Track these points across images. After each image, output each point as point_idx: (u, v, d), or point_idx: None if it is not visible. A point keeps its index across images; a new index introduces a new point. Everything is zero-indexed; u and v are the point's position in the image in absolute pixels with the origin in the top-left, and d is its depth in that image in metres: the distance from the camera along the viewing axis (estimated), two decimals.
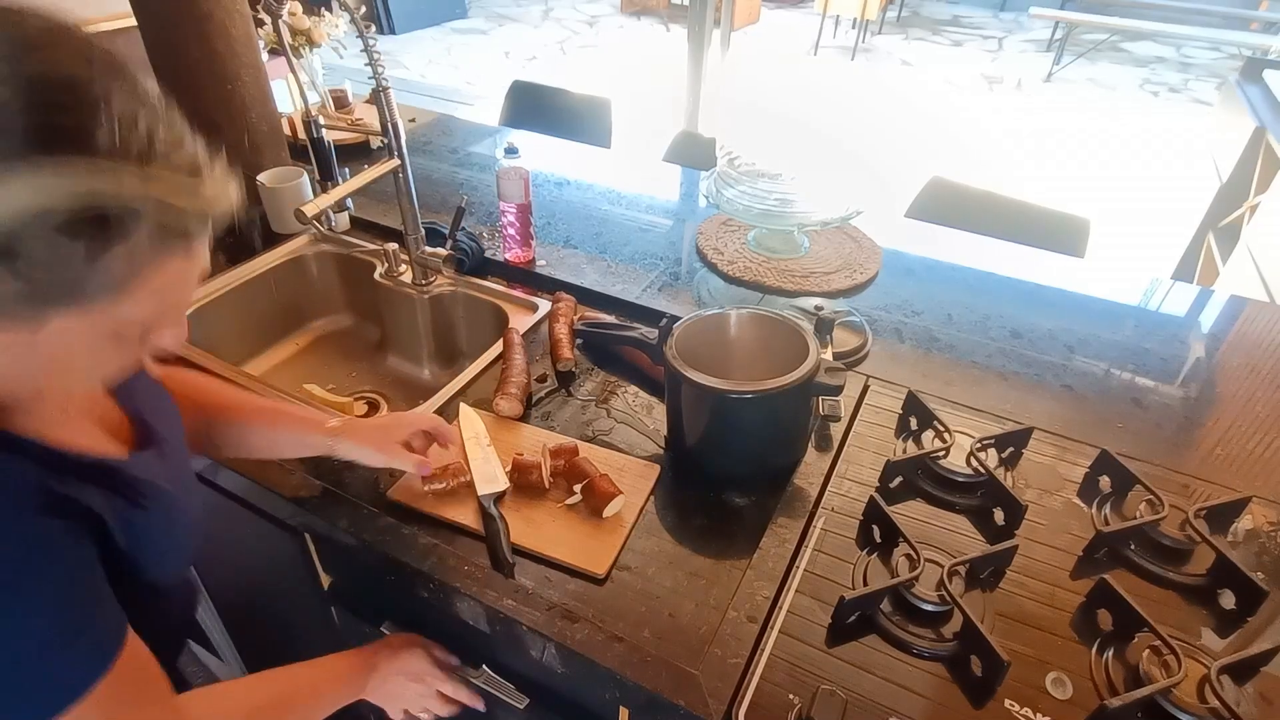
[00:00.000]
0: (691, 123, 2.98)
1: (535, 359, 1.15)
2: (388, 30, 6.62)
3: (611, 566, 0.82)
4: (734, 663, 0.72)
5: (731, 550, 0.85)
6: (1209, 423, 1.07)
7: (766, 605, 0.78)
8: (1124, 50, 6.64)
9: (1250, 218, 2.33)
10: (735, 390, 0.85)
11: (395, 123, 1.10)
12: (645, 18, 7.31)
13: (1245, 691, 0.69)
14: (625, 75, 5.71)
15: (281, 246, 1.41)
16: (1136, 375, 1.16)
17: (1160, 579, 0.81)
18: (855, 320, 1.21)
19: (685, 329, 0.94)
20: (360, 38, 1.04)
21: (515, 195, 1.28)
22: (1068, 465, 0.96)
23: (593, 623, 0.76)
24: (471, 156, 1.83)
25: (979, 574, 0.80)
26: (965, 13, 7.77)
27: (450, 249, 1.29)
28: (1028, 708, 0.68)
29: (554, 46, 6.42)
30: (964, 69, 6.11)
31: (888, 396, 1.07)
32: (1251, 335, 1.28)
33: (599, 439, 1.00)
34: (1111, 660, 0.72)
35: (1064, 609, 0.78)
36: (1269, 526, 0.87)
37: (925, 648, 0.73)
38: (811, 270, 1.38)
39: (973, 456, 0.91)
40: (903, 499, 0.91)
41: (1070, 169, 4.39)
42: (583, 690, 0.83)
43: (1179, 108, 5.44)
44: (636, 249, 1.44)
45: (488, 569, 0.82)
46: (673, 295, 1.31)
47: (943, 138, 4.82)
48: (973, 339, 1.23)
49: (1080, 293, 1.38)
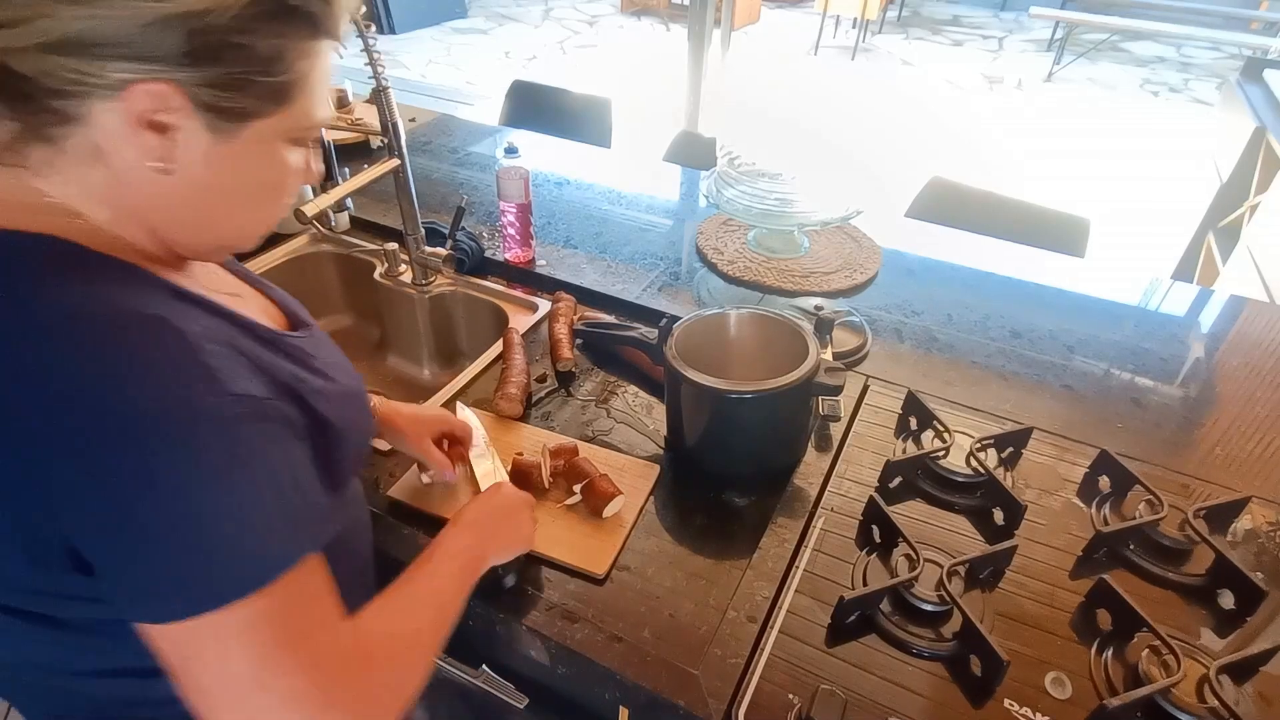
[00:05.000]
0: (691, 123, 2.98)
1: (535, 359, 1.15)
2: (388, 30, 6.62)
3: (611, 566, 0.82)
4: (734, 663, 0.72)
5: (731, 550, 0.85)
6: (1208, 423, 1.07)
7: (766, 605, 0.78)
8: (1124, 50, 6.64)
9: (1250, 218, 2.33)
10: (735, 390, 0.85)
11: (395, 122, 1.10)
12: (645, 17, 7.30)
13: (1244, 691, 0.69)
14: (625, 75, 5.71)
15: (281, 246, 1.41)
16: (1136, 375, 1.16)
17: (1160, 579, 0.81)
18: (855, 320, 1.21)
19: (685, 329, 0.94)
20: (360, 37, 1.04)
21: (515, 195, 1.28)
22: (1067, 465, 0.96)
23: (593, 623, 0.76)
24: (471, 156, 1.83)
25: (978, 574, 0.80)
26: (965, 13, 7.77)
27: (450, 249, 1.29)
28: (1027, 707, 0.68)
29: (554, 46, 6.42)
30: (964, 69, 6.11)
31: (887, 396, 1.07)
32: (1251, 335, 1.28)
33: (599, 439, 1.00)
34: (1111, 660, 0.72)
35: (1063, 609, 0.78)
36: (1268, 526, 0.87)
37: (925, 648, 0.73)
38: (811, 270, 1.38)
39: (972, 456, 0.91)
40: (902, 499, 0.91)
41: (1070, 169, 4.39)
42: (583, 690, 0.83)
43: (1179, 108, 5.44)
44: (636, 249, 1.44)
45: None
46: (673, 295, 1.31)
47: (943, 138, 4.82)
48: (972, 339, 1.23)
49: (1080, 293, 1.38)
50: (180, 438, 0.44)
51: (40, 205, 0.47)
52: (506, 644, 0.82)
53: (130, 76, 0.43)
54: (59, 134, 0.45)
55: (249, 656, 0.45)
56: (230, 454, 0.45)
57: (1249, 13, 6.54)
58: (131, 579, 0.45)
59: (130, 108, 0.44)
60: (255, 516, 0.47)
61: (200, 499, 0.44)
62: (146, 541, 0.44)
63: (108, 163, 0.47)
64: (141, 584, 0.45)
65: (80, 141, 0.46)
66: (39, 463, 0.43)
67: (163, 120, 0.45)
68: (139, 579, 0.45)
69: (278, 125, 0.50)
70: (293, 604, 0.48)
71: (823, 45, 6.52)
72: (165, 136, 0.46)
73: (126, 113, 0.44)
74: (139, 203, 0.49)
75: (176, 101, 0.45)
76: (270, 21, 0.46)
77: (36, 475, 0.43)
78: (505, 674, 0.87)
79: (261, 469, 0.47)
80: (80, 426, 0.42)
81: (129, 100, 0.44)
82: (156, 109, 0.45)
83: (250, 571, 0.46)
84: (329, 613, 0.51)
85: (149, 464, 0.43)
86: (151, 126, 0.45)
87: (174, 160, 0.47)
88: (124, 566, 0.45)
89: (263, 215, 0.56)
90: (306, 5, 0.47)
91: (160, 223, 0.51)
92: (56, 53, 0.42)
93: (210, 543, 0.45)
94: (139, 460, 0.43)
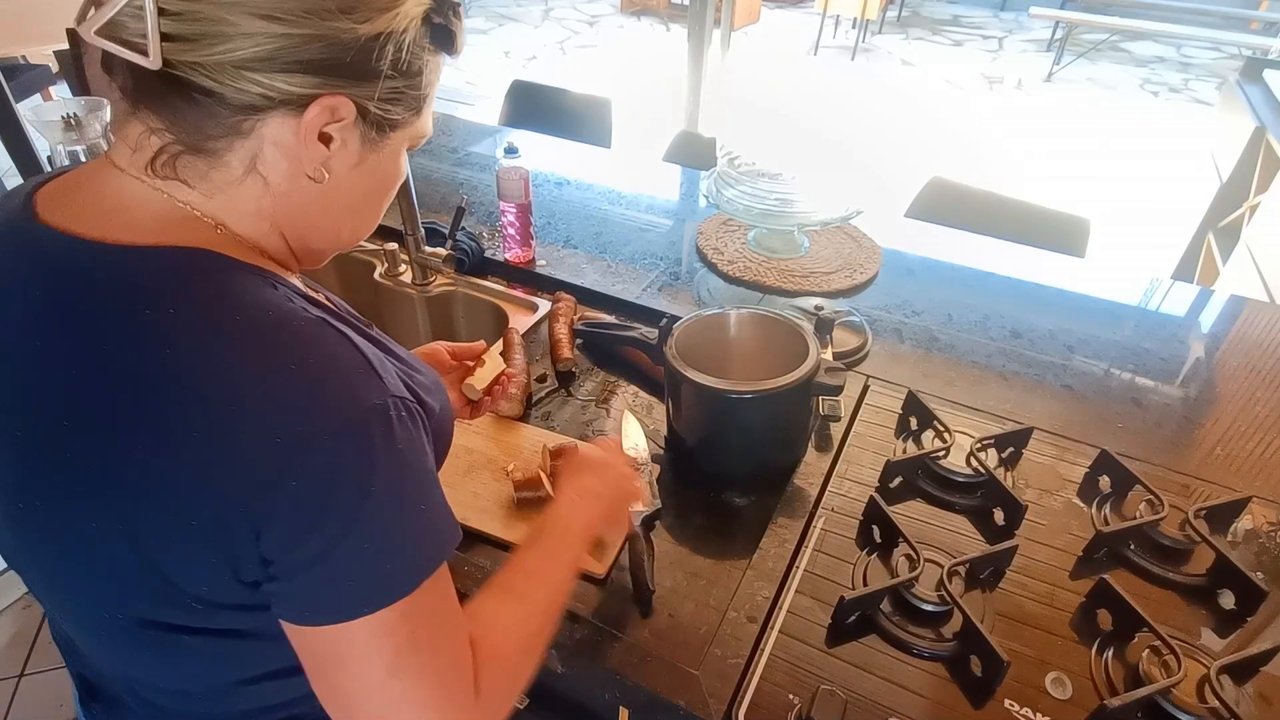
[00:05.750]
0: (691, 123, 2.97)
1: (535, 359, 1.15)
2: None
3: (611, 566, 0.82)
4: (734, 663, 0.72)
5: (731, 550, 0.85)
6: (1209, 423, 1.07)
7: (766, 605, 0.78)
8: (1124, 50, 6.63)
9: (1250, 218, 2.33)
10: (735, 390, 0.85)
11: None
12: (645, 17, 7.30)
13: (1245, 691, 0.69)
14: (625, 75, 5.71)
15: None
16: (1136, 375, 1.16)
17: (1160, 579, 0.81)
18: (855, 320, 1.21)
19: (685, 329, 0.94)
20: None
21: (515, 195, 1.27)
22: (1068, 465, 0.96)
23: (593, 623, 0.76)
24: (471, 156, 1.83)
25: (979, 574, 0.80)
26: (965, 12, 7.77)
27: (450, 249, 1.29)
28: (1027, 708, 0.68)
29: (554, 46, 6.41)
30: (964, 69, 6.11)
31: (888, 396, 1.07)
32: (1251, 335, 1.28)
33: (599, 439, 1.00)
34: (1111, 660, 0.72)
35: (1064, 609, 0.78)
36: (1269, 526, 0.87)
37: (925, 648, 0.73)
38: (811, 270, 1.38)
39: (973, 456, 0.91)
40: (903, 499, 0.91)
41: (1070, 169, 4.39)
42: (583, 690, 0.83)
43: (1179, 108, 5.44)
44: (636, 249, 1.44)
45: (487, 569, 0.82)
46: (673, 295, 1.31)
47: (943, 138, 4.81)
48: (973, 339, 1.23)
49: (1080, 293, 1.38)
50: (362, 442, 0.44)
51: (187, 218, 0.48)
52: None
53: (316, 91, 0.45)
54: (221, 146, 0.46)
55: (386, 659, 0.46)
56: (400, 459, 0.46)
57: (1249, 13, 6.54)
58: (306, 582, 0.45)
59: (308, 121, 0.46)
60: (420, 519, 0.48)
61: (375, 504, 0.45)
62: (329, 545, 0.44)
63: (263, 172, 0.48)
64: (315, 586, 0.45)
65: (240, 153, 0.47)
66: (238, 477, 0.42)
67: (329, 131, 0.48)
68: (314, 582, 0.45)
69: (409, 134, 0.54)
70: (431, 605, 0.48)
71: (823, 45, 6.52)
72: (328, 147, 0.48)
73: (303, 126, 0.46)
74: (281, 210, 0.50)
75: (347, 114, 0.47)
76: (428, 40, 0.50)
77: (238, 489, 0.43)
78: None
79: (422, 471, 0.48)
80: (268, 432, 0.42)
81: (309, 114, 0.46)
82: (329, 121, 0.47)
83: (410, 573, 0.47)
84: (458, 612, 0.52)
85: (335, 466, 0.43)
86: (321, 138, 0.47)
87: (329, 169, 0.50)
88: (302, 568, 0.44)
89: (376, 216, 0.58)
90: (450, 24, 0.51)
91: (295, 228, 0.52)
92: (250, 70, 0.43)
93: (384, 545, 0.45)
94: (327, 463, 0.43)
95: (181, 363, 0.43)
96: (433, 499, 0.49)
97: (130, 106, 0.46)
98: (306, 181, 0.49)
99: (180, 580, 0.46)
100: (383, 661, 0.46)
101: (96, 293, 0.45)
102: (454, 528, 0.51)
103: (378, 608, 0.45)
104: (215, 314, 0.44)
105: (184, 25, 0.42)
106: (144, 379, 0.43)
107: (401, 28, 0.47)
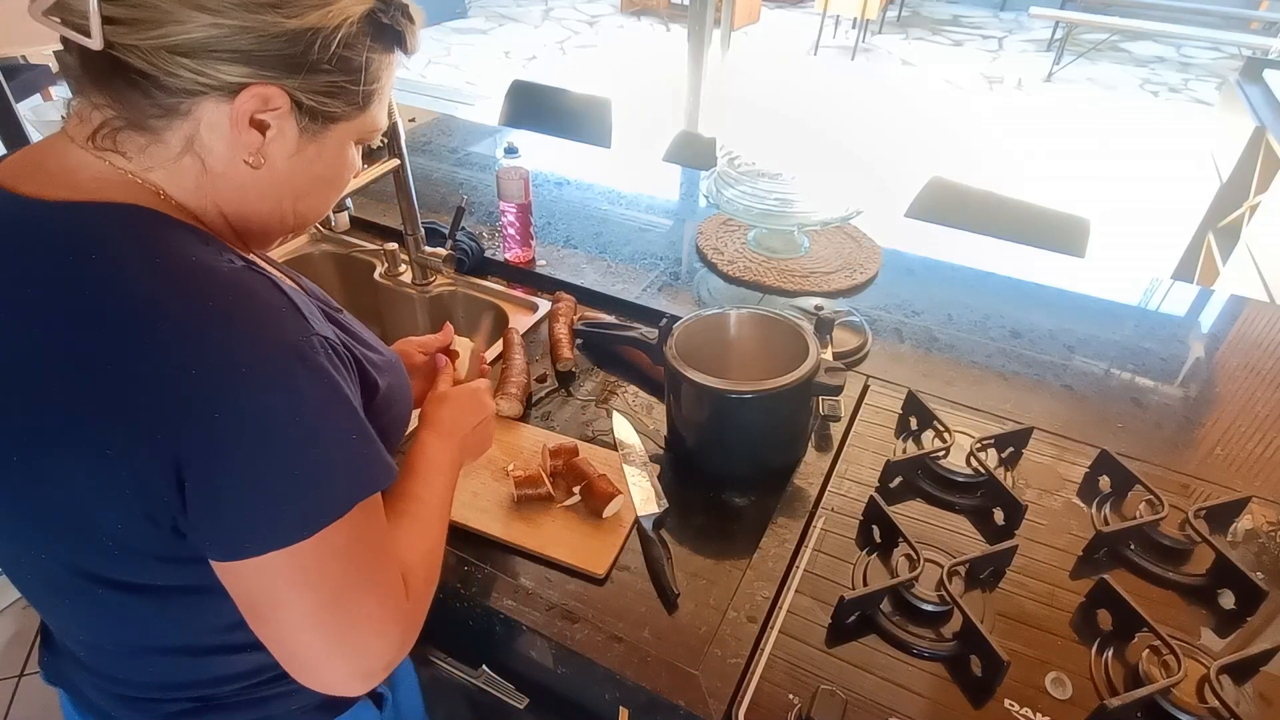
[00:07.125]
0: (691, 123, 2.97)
1: (535, 359, 1.15)
2: None
3: (611, 566, 0.82)
4: (734, 663, 0.72)
5: (731, 550, 0.85)
6: (1209, 423, 1.07)
7: (766, 605, 0.78)
8: (1124, 50, 6.64)
9: (1250, 218, 2.33)
10: (735, 390, 0.85)
11: (395, 122, 1.10)
12: (645, 17, 7.30)
13: (1245, 691, 0.69)
14: (625, 75, 5.71)
15: (281, 246, 1.41)
16: (1136, 375, 1.16)
17: (1160, 579, 0.81)
18: (855, 320, 1.21)
19: (685, 329, 0.94)
20: None
21: (515, 195, 1.28)
22: (1068, 465, 0.96)
23: (593, 623, 0.76)
24: (471, 156, 1.83)
25: (979, 574, 0.80)
26: (965, 12, 7.77)
27: (450, 249, 1.29)
28: (1027, 708, 0.68)
29: (554, 46, 6.41)
30: (964, 69, 6.11)
31: (888, 396, 1.07)
32: (1251, 335, 1.28)
33: (599, 439, 1.00)
34: (1111, 660, 0.72)
35: (1064, 609, 0.78)
36: (1269, 526, 0.87)
37: (925, 648, 0.73)
38: (811, 270, 1.38)
39: (973, 456, 0.91)
40: (903, 499, 0.91)
41: (1070, 169, 4.39)
42: (583, 690, 0.83)
43: (1179, 108, 5.44)
44: (636, 249, 1.44)
45: (487, 569, 0.82)
46: (673, 295, 1.31)
47: (943, 138, 4.81)
48: (973, 339, 1.23)
49: (1080, 293, 1.38)
50: (283, 374, 0.47)
51: (127, 182, 0.50)
52: (506, 644, 0.82)
53: (246, 80, 0.47)
54: (160, 125, 0.49)
55: (330, 581, 0.49)
56: (323, 391, 0.49)
57: (1249, 13, 6.54)
58: (235, 514, 0.47)
59: (239, 107, 0.48)
60: (344, 448, 0.50)
61: (301, 432, 0.47)
62: (254, 475, 0.46)
63: (200, 153, 0.50)
64: (244, 518, 0.47)
65: (178, 133, 0.49)
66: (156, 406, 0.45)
67: (264, 119, 0.50)
68: (243, 514, 0.47)
69: (353, 128, 0.56)
70: (366, 532, 0.52)
71: (823, 45, 6.52)
72: (263, 134, 0.50)
73: (234, 111, 0.48)
74: (220, 189, 0.53)
75: (280, 103, 0.49)
76: (369, 38, 0.52)
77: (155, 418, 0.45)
78: (505, 674, 0.87)
79: (346, 405, 0.51)
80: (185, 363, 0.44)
81: (239, 101, 0.48)
82: (261, 109, 0.49)
83: (338, 500, 0.49)
84: (388, 540, 0.55)
85: (258, 398, 0.46)
86: (253, 125, 0.50)
87: (265, 155, 0.52)
88: (228, 502, 0.47)
89: (323, 205, 0.61)
90: (397, 24, 0.53)
91: (234, 208, 0.55)
92: (183, 55, 0.46)
93: (309, 474, 0.48)
94: (248, 394, 0.45)
95: (105, 300, 0.45)
96: (362, 432, 0.52)
97: (78, 84, 0.49)
98: (244, 165, 0.51)
99: (100, 518, 0.49)
100: (323, 584, 0.49)
101: (30, 241, 0.48)
102: (386, 465, 0.54)
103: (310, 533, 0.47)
104: (144, 259, 0.47)
105: (124, 9, 0.44)
106: (70, 317, 0.46)
107: (333, 24, 0.48)
